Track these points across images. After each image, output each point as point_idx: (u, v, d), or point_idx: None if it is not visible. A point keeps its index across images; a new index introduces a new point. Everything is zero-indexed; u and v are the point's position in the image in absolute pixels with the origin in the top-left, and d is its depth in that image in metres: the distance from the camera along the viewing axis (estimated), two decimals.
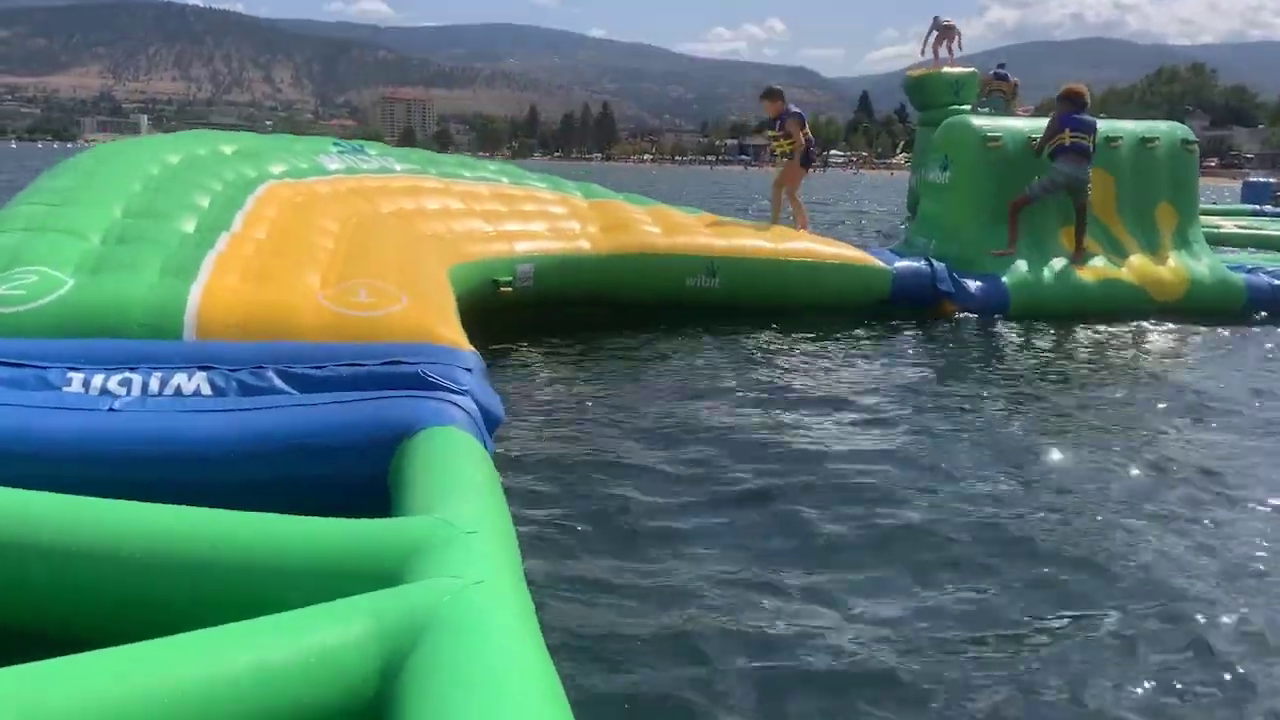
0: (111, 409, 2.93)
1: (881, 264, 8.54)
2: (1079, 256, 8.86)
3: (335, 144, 7.83)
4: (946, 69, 19.34)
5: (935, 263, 8.64)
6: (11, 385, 3.10)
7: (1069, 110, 9.03)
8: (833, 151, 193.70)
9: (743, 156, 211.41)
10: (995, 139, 9.11)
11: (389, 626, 1.73)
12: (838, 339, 7.44)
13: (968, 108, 17.16)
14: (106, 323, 3.65)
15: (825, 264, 8.27)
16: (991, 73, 19.43)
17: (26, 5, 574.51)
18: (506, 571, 2.06)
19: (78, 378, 3.17)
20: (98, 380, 3.16)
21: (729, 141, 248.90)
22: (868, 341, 7.45)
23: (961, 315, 8.38)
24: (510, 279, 6.97)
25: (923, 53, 19.64)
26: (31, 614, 2.22)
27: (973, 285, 8.56)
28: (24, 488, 2.35)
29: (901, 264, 8.66)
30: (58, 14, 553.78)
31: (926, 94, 20.28)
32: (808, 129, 9.52)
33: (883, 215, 24.78)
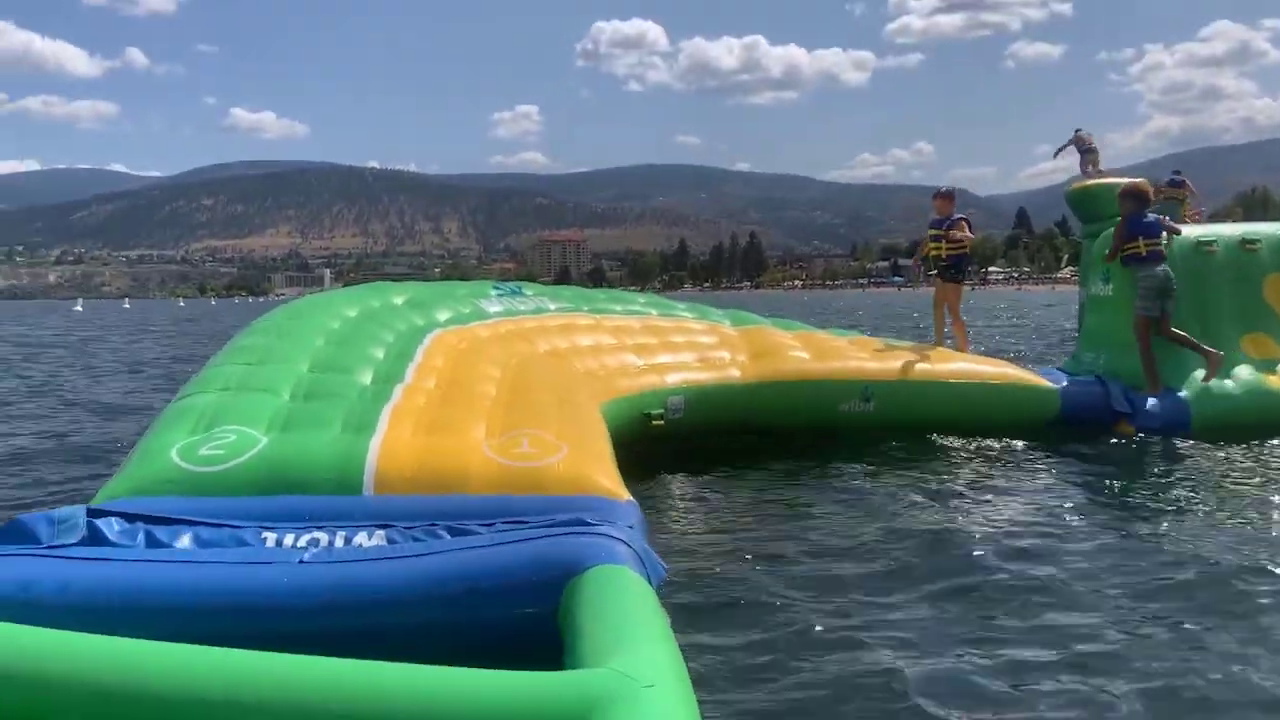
0: (302, 561, 3.12)
1: (1048, 383, 8.18)
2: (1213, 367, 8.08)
3: (495, 287, 8.25)
4: (1114, 179, 18.67)
5: (1109, 381, 8.20)
6: (210, 545, 3.36)
7: (1135, 211, 8.45)
8: (991, 268, 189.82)
9: (896, 279, 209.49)
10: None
11: None
12: (1004, 463, 7.09)
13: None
14: (296, 478, 3.88)
15: (987, 385, 7.98)
16: (1167, 180, 18.65)
17: (230, 176, 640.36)
18: None
19: (271, 538, 3.41)
20: (288, 540, 3.39)
21: (880, 263, 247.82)
22: (1035, 464, 7.06)
23: (1139, 436, 7.84)
24: (661, 411, 7.03)
25: (1082, 169, 18.97)
26: None
27: (1150, 402, 8.05)
28: (221, 638, 2.49)
29: (1069, 382, 8.27)
30: (255, 182, 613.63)
31: (1091, 205, 19.60)
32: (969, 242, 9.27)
33: (1049, 332, 23.84)
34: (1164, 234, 8.44)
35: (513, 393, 5.12)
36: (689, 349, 8.05)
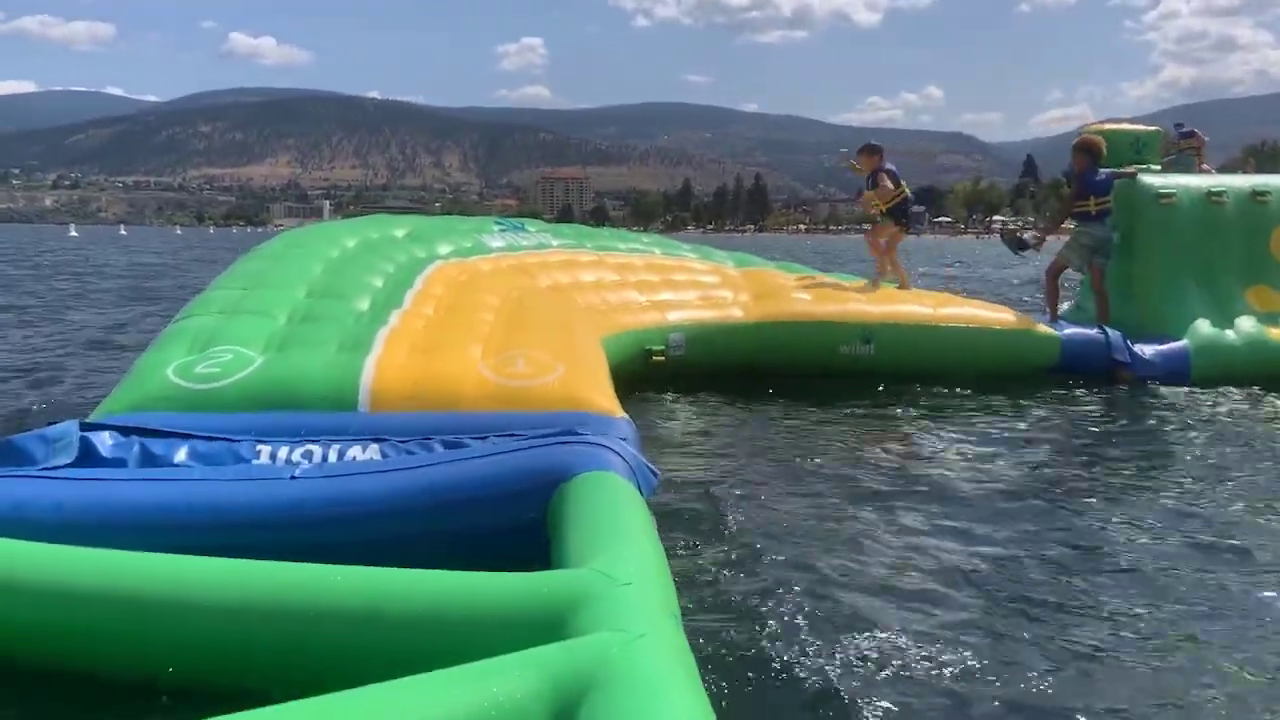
0: (293, 477, 3.14)
1: (1048, 330, 8.16)
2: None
3: (497, 222, 8.19)
4: (1127, 125, 18.26)
5: (1110, 330, 8.19)
6: (207, 459, 3.41)
7: (1089, 167, 8.55)
8: (996, 217, 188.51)
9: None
10: (1168, 196, 8.59)
11: (558, 681, 1.76)
12: (1000, 409, 7.10)
13: (1156, 168, 16.17)
14: (290, 396, 3.93)
15: (987, 330, 7.96)
16: (1177, 133, 18.28)
17: (228, 103, 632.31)
18: (667, 624, 2.06)
19: (265, 451, 3.45)
20: (283, 453, 3.46)
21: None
22: (1034, 409, 7.08)
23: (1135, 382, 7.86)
24: (663, 348, 7.04)
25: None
26: (209, 670, 2.36)
27: (1149, 351, 8.05)
28: (216, 554, 2.52)
29: (1071, 330, 8.25)
30: (254, 110, 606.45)
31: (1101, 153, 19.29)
32: (905, 187, 8.96)
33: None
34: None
35: (511, 319, 5.12)
36: (692, 287, 8.03)
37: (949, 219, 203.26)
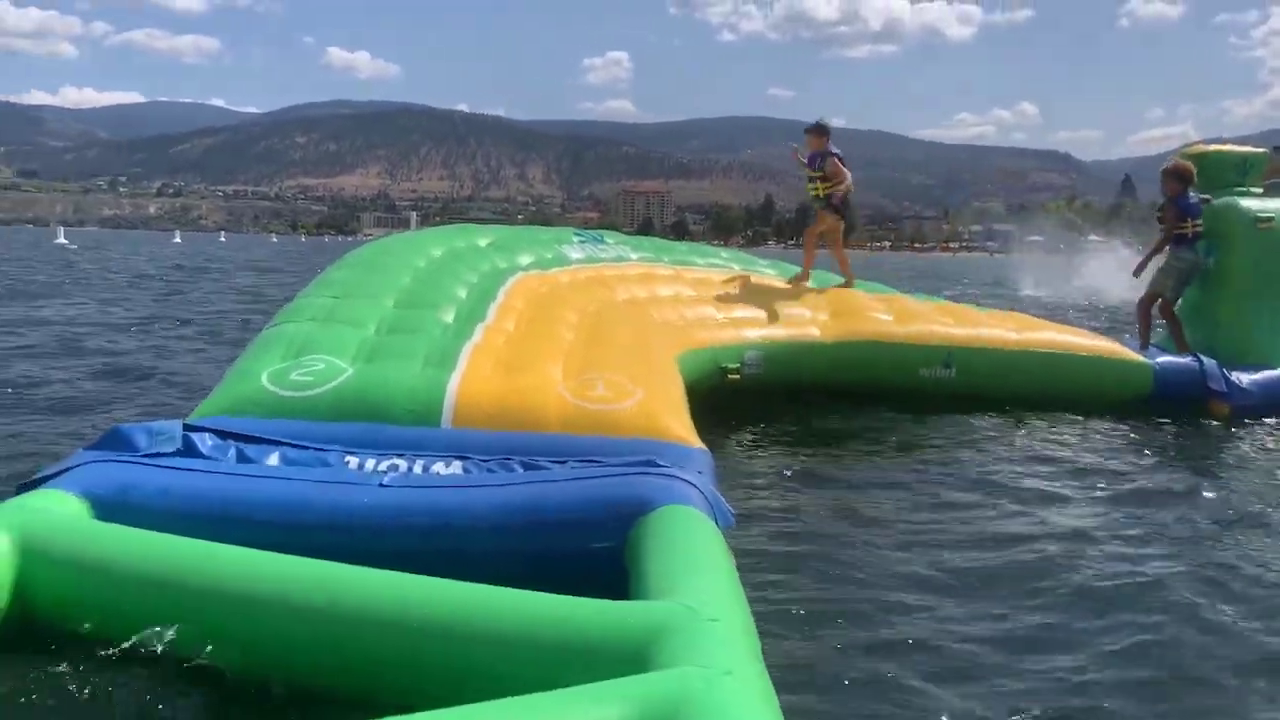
0: (381, 484, 3.26)
1: (1140, 358, 7.91)
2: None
3: (576, 234, 8.29)
4: (1232, 146, 17.59)
5: (1205, 358, 7.90)
6: (296, 465, 3.54)
7: (1181, 192, 8.33)
8: (1091, 237, 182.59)
9: (989, 244, 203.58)
10: (1267, 220, 8.28)
11: (646, 713, 1.77)
12: (1086, 436, 6.90)
13: (1257, 191, 15.53)
14: (378, 408, 4.06)
15: (1075, 357, 7.76)
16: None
17: (323, 115, 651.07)
18: (751, 662, 2.08)
19: (353, 461, 3.60)
20: (370, 464, 3.58)
21: (974, 228, 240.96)
22: (1121, 441, 6.86)
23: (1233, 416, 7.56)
24: (738, 365, 7.02)
25: None
26: (290, 671, 2.45)
27: (1247, 380, 7.74)
28: (303, 551, 2.64)
29: (1165, 359, 7.99)
30: (347, 121, 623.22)
31: (1205, 173, 18.64)
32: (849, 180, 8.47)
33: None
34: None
35: (590, 337, 5.18)
36: (769, 304, 7.99)
37: (1040, 238, 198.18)
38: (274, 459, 3.56)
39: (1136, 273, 9.14)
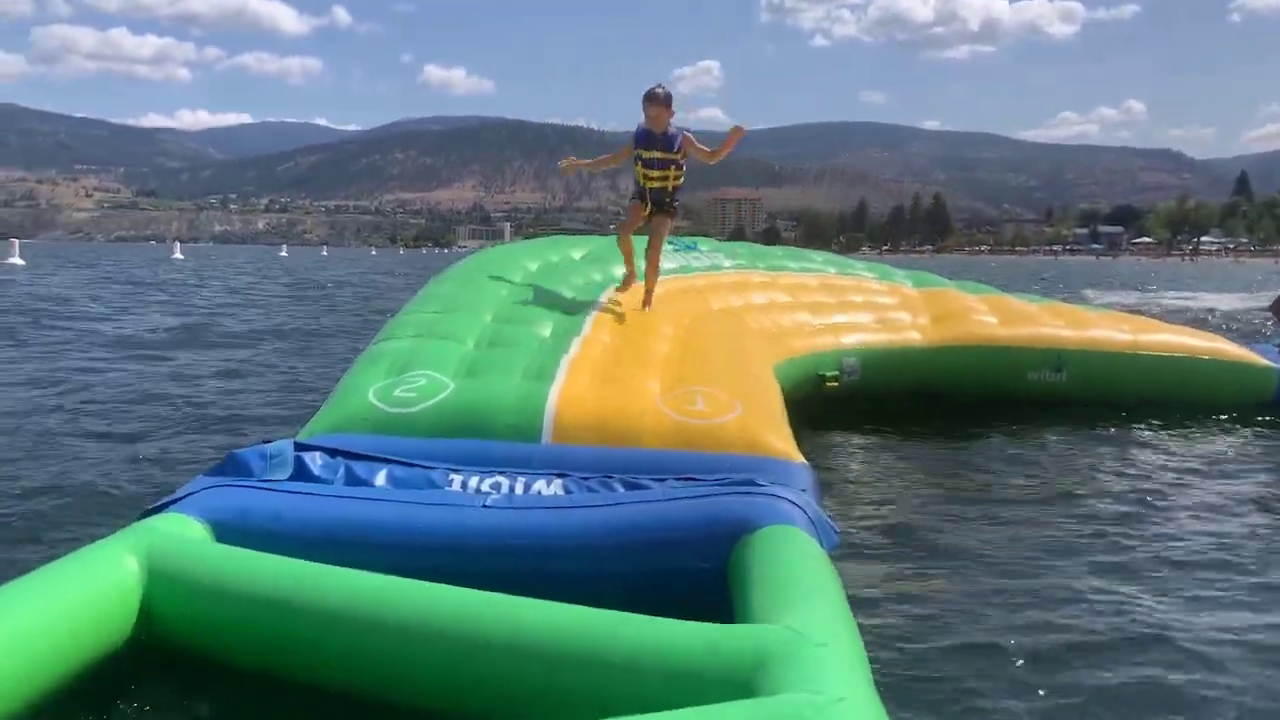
0: (485, 505, 3.28)
1: (1265, 361, 7.49)
2: None
3: (670, 242, 8.22)
4: None
5: None
6: (404, 484, 3.61)
7: None
8: (1204, 238, 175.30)
9: (1095, 246, 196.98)
10: None
11: None
12: (1205, 443, 6.54)
13: None
14: (479, 422, 4.09)
15: (1194, 360, 7.39)
16: None
17: (421, 130, 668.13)
18: (863, 687, 2.01)
19: (457, 479, 3.63)
20: (473, 482, 3.61)
21: (1078, 230, 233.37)
22: (1246, 448, 6.48)
23: None
24: (836, 373, 6.88)
25: None
26: (399, 692, 2.47)
27: None
28: (409, 572, 2.66)
29: None
30: (443, 137, 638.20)
31: None
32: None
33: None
34: None
35: (686, 349, 5.13)
36: (867, 309, 7.83)
37: (1150, 240, 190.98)
38: (381, 477, 3.62)
39: None
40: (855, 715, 1.83)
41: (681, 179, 5.97)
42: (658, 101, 5.63)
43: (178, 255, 61.84)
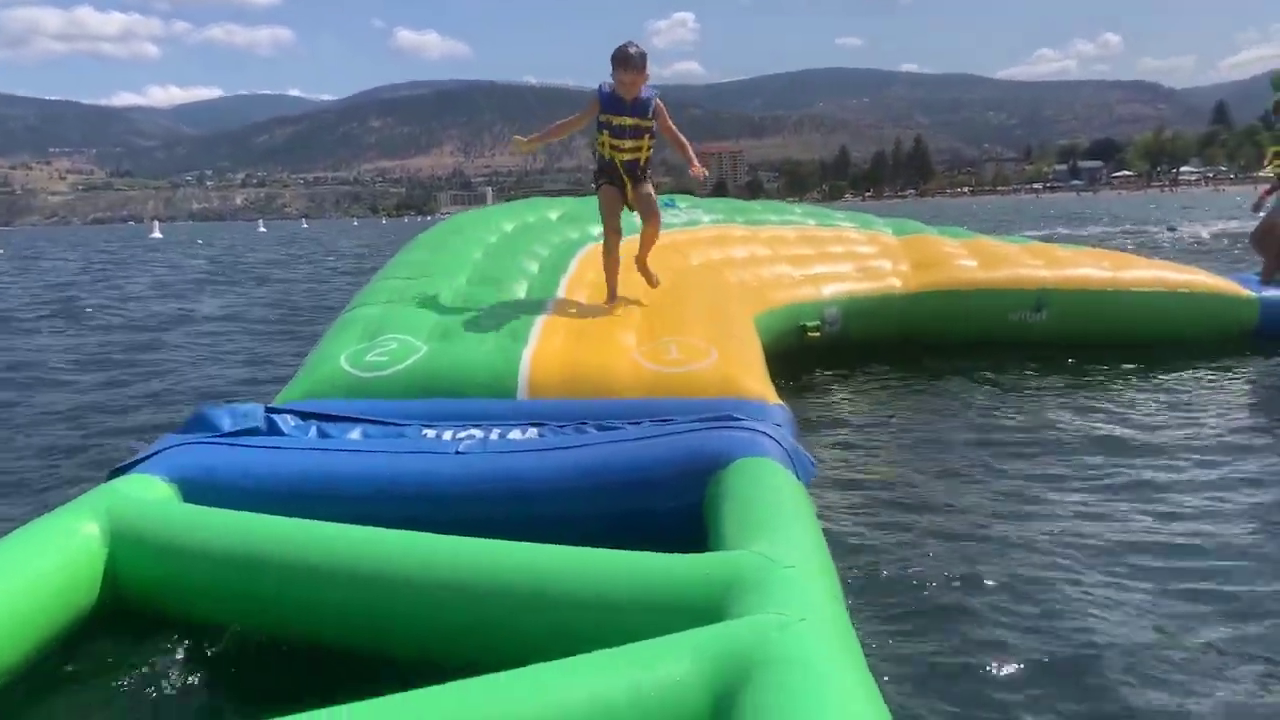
0: (458, 452, 3.25)
1: (1245, 292, 7.50)
2: None
3: None
4: None
5: None
6: (375, 439, 3.55)
7: None
8: (1184, 168, 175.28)
9: (1075, 182, 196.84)
10: None
11: (719, 663, 1.75)
12: (1185, 376, 6.57)
13: None
14: (453, 383, 4.06)
15: (1174, 294, 7.39)
16: None
17: (396, 97, 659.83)
18: (830, 607, 2.03)
19: (430, 434, 3.60)
20: (447, 436, 3.57)
21: (1058, 167, 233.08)
22: (1228, 379, 6.52)
23: None
24: (818, 324, 6.88)
25: None
26: (374, 637, 2.46)
27: None
28: (382, 522, 2.64)
29: (1271, 291, 7.56)
30: (420, 103, 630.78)
31: None
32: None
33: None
34: None
35: (664, 303, 5.10)
36: (847, 259, 7.81)
37: (1129, 173, 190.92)
38: (355, 435, 3.60)
39: (1257, 208, 8.71)
40: (820, 634, 1.84)
41: (652, 149, 5.11)
42: (631, 66, 4.80)
43: (156, 234, 61.26)
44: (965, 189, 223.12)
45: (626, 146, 5.03)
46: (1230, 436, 5.05)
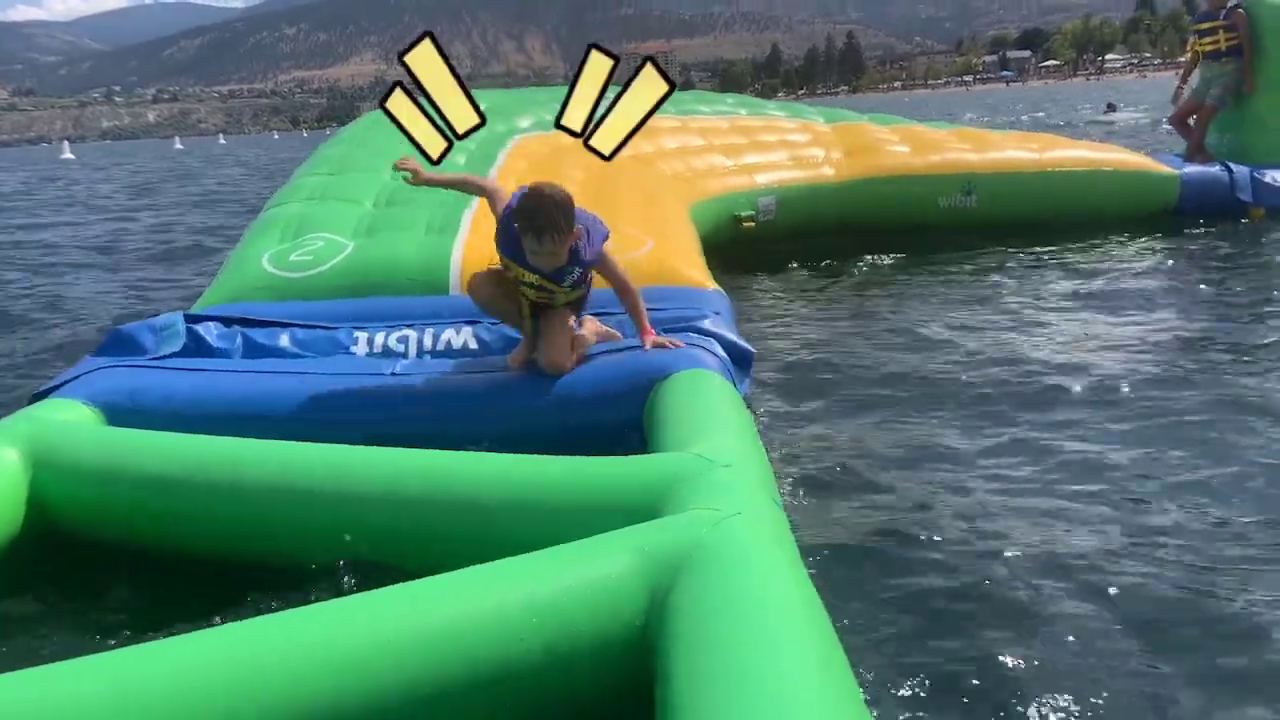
0: (392, 373, 3.16)
1: (1167, 169, 7.64)
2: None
3: None
4: None
5: (1234, 166, 7.61)
6: (307, 346, 3.47)
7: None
8: (1109, 55, 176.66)
9: (1005, 73, 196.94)
10: None
11: (654, 559, 1.77)
12: (1111, 253, 6.71)
13: None
14: (383, 280, 3.95)
15: (1098, 173, 7.49)
16: None
17: (308, 3, 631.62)
18: (765, 503, 2.05)
19: (363, 337, 3.50)
20: (379, 338, 3.48)
21: (987, 59, 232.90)
22: (1148, 254, 6.67)
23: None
24: (752, 213, 6.85)
25: None
26: (322, 549, 2.41)
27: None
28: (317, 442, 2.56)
29: (1192, 168, 7.70)
30: (335, 7, 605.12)
31: None
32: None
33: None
34: None
35: (597, 194, 5.02)
36: (780, 148, 7.74)
37: (1057, 62, 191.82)
38: (284, 340, 3.49)
39: (1176, 99, 8.82)
40: (754, 528, 1.86)
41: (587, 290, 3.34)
42: (549, 232, 3.04)
43: (67, 155, 58.48)
44: (898, 84, 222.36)
45: (536, 290, 3.25)
46: (1158, 313, 5.18)
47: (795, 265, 6.92)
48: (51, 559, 2.65)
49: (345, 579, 2.32)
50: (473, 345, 3.52)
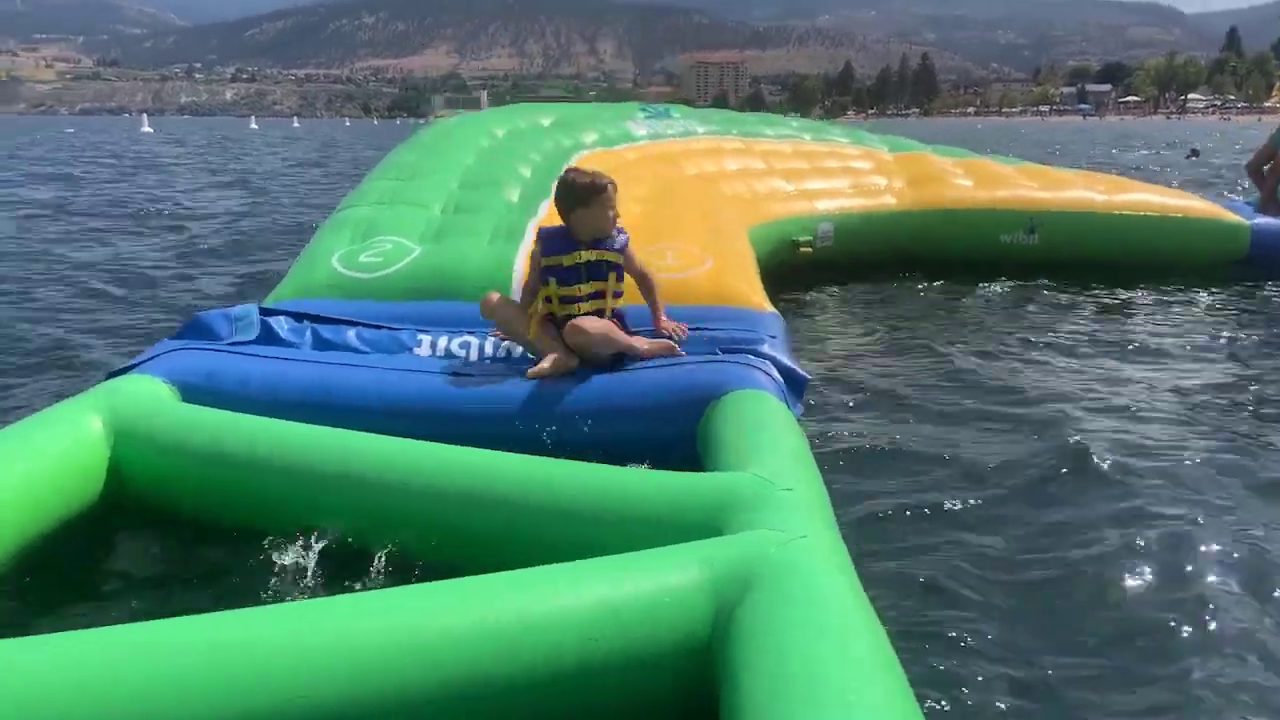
0: (456, 373, 3.31)
1: (1237, 218, 7.51)
2: None
3: (642, 109, 8.10)
4: None
5: None
6: (373, 346, 3.62)
7: None
8: (1192, 96, 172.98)
9: (1082, 106, 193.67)
10: None
11: (721, 573, 1.84)
12: (1177, 302, 6.61)
13: None
14: (447, 285, 4.08)
15: (1166, 219, 7.39)
16: None
17: None
18: (825, 527, 2.12)
19: (426, 340, 3.64)
20: (442, 342, 3.62)
21: (1065, 89, 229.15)
22: (1215, 307, 6.57)
23: None
24: (810, 238, 6.89)
25: None
26: (380, 541, 2.51)
27: None
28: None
29: (1264, 219, 7.57)
30: None
31: None
32: None
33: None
34: None
35: (659, 211, 5.11)
36: (842, 175, 7.77)
37: (1137, 98, 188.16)
38: (351, 337, 3.63)
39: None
40: (817, 551, 1.93)
41: (618, 293, 3.52)
42: (593, 199, 3.33)
43: (146, 128, 60.10)
44: (971, 109, 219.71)
45: (582, 293, 3.44)
46: (1223, 361, 5.11)
47: (836, 290, 6.91)
48: (126, 528, 2.79)
49: (404, 569, 2.42)
50: (531, 354, 3.62)
